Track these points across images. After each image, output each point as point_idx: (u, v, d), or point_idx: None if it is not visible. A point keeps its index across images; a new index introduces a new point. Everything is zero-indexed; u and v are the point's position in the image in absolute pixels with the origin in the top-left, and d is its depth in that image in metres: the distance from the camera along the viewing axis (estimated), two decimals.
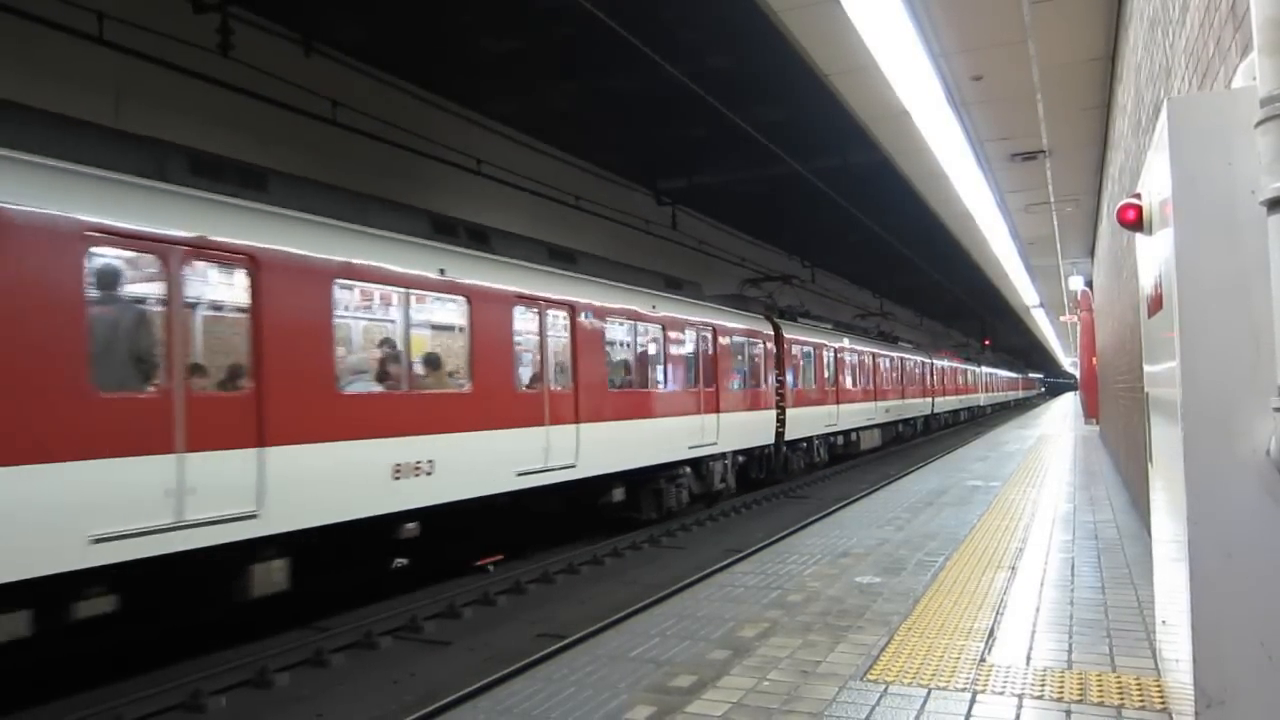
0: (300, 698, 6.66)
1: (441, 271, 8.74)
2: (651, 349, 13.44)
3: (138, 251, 6.31)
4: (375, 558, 8.83)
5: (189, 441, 6.23)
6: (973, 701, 3.88)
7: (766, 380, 17.30)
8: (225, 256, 6.80)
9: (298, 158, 10.82)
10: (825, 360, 21.14)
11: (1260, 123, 2.26)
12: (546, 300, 10.52)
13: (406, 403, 8.29)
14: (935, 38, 7.25)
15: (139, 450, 5.95)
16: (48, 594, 5.55)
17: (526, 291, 10.13)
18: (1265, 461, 2.46)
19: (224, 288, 7.04)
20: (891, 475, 17.69)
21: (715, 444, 14.66)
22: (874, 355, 25.72)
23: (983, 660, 4.45)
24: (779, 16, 6.88)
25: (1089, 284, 19.17)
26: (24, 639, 5.43)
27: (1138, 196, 3.30)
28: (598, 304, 11.58)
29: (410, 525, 8.28)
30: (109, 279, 6.19)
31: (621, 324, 12.53)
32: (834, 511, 11.30)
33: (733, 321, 16.02)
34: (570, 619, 8.50)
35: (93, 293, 5.96)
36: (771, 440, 17.42)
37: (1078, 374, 36.43)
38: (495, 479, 9.34)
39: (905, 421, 29.94)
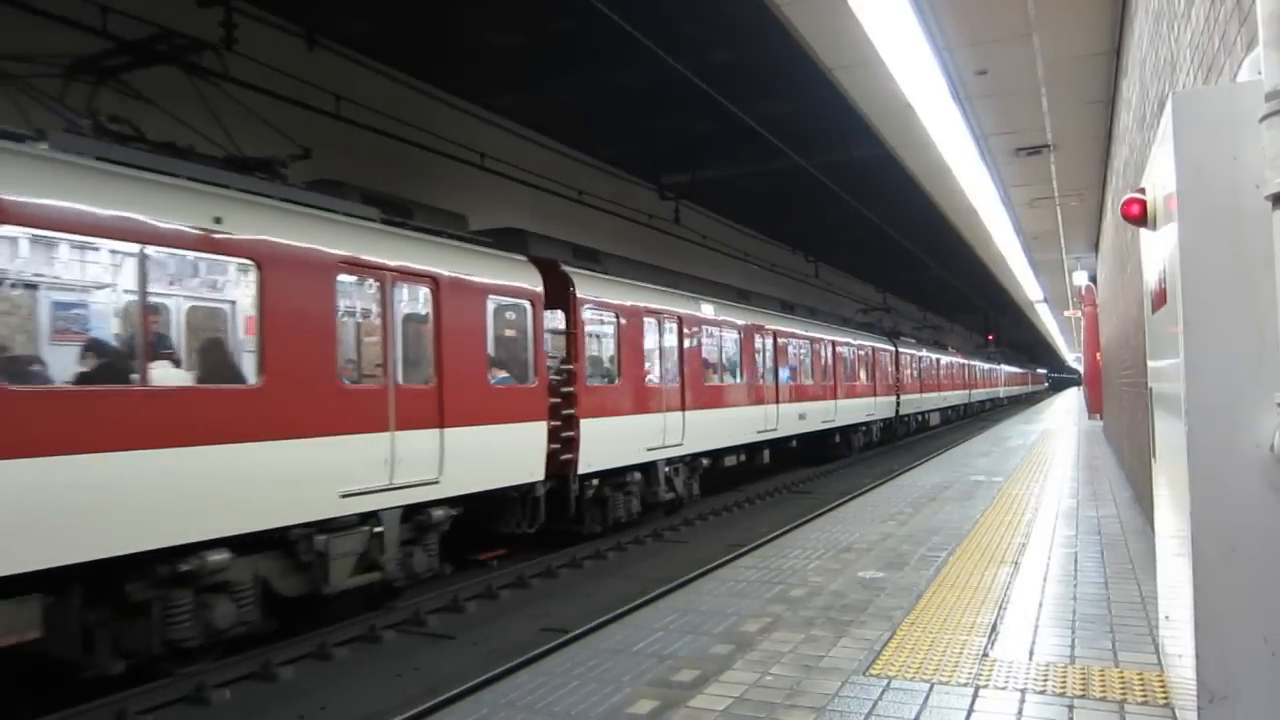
0: (304, 691, 6.68)
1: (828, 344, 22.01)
2: (857, 362, 24.32)
3: None
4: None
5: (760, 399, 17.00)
6: (975, 696, 3.89)
7: (891, 376, 28.02)
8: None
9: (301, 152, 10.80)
10: (914, 363, 31.70)
11: (1265, 117, 2.26)
12: (820, 341, 21.44)
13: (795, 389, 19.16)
14: (939, 32, 7.23)
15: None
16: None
17: (849, 343, 23.89)
18: (1269, 456, 2.46)
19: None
20: (894, 470, 17.69)
21: (873, 414, 25.43)
22: (937, 360, 36.51)
23: (985, 655, 4.46)
24: (782, 10, 6.86)
25: (1093, 279, 19.14)
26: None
27: (1142, 191, 3.29)
28: (845, 340, 23.26)
29: (766, 450, 17.26)
30: None
31: (859, 352, 24.38)
32: (837, 506, 11.30)
33: (880, 344, 27.13)
34: (573, 613, 8.51)
35: None
36: (894, 414, 28.14)
37: (1081, 369, 36.94)
38: (818, 424, 20.24)
39: (953, 407, 40.70)
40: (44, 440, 5.35)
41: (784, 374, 18.15)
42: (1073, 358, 59.37)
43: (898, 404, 28.26)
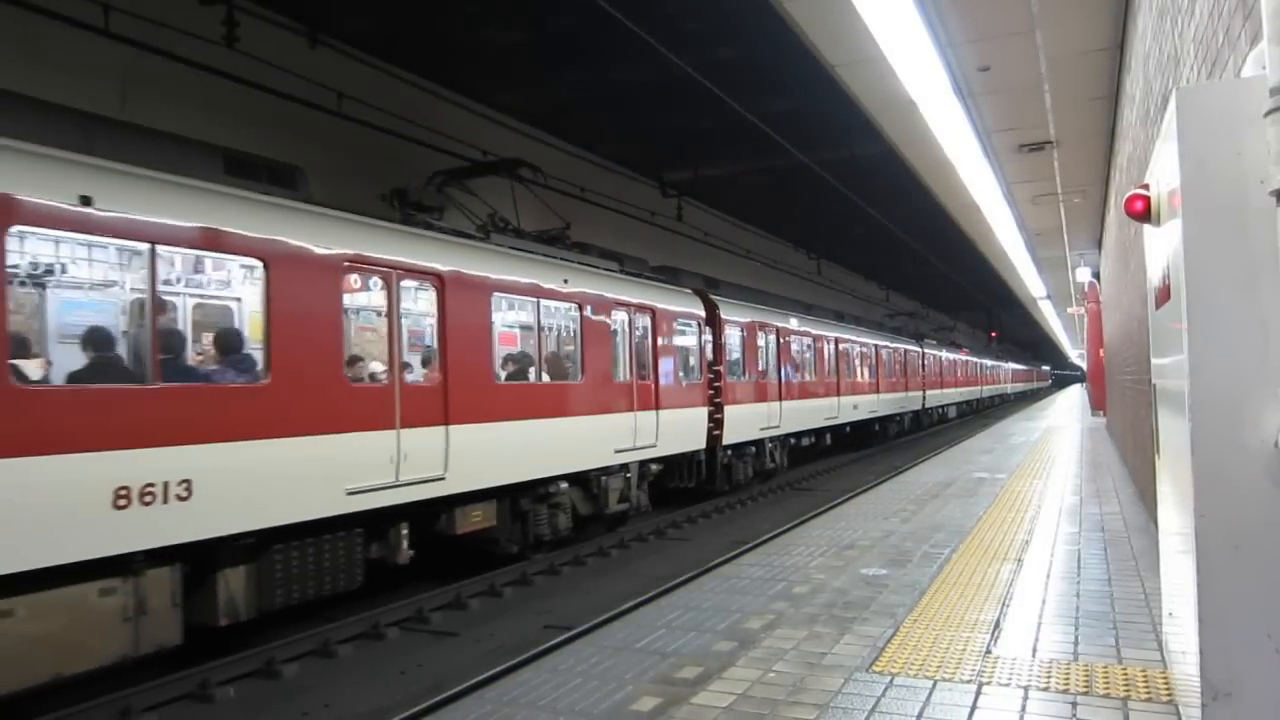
0: (308, 688, 6.69)
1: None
2: (894, 362, 28.13)
3: None
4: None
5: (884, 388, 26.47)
6: (978, 693, 3.89)
7: (919, 374, 32.06)
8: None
9: (302, 149, 10.81)
10: (936, 362, 35.79)
11: (1269, 112, 2.25)
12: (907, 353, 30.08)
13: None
14: (942, 28, 7.21)
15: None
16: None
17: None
18: (1274, 453, 2.45)
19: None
20: (897, 467, 17.67)
21: (905, 407, 29.48)
22: (954, 359, 40.91)
23: (988, 652, 4.45)
24: (784, 7, 6.84)
25: (1096, 276, 19.10)
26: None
27: (1146, 187, 3.29)
28: (885, 344, 27.50)
29: (829, 434, 21.07)
30: None
31: (895, 354, 28.23)
32: (840, 503, 11.30)
33: (910, 346, 30.94)
34: (576, 611, 8.52)
35: None
36: (921, 406, 32.21)
37: (1084, 366, 37.31)
38: (866, 413, 24.06)
39: (968, 401, 45.29)
40: (502, 412, 9.27)
41: (844, 372, 22.33)
42: (1076, 354, 59.35)
43: (924, 398, 32.86)
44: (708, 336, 14.68)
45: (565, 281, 10.69)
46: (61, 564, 5.35)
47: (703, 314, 14.58)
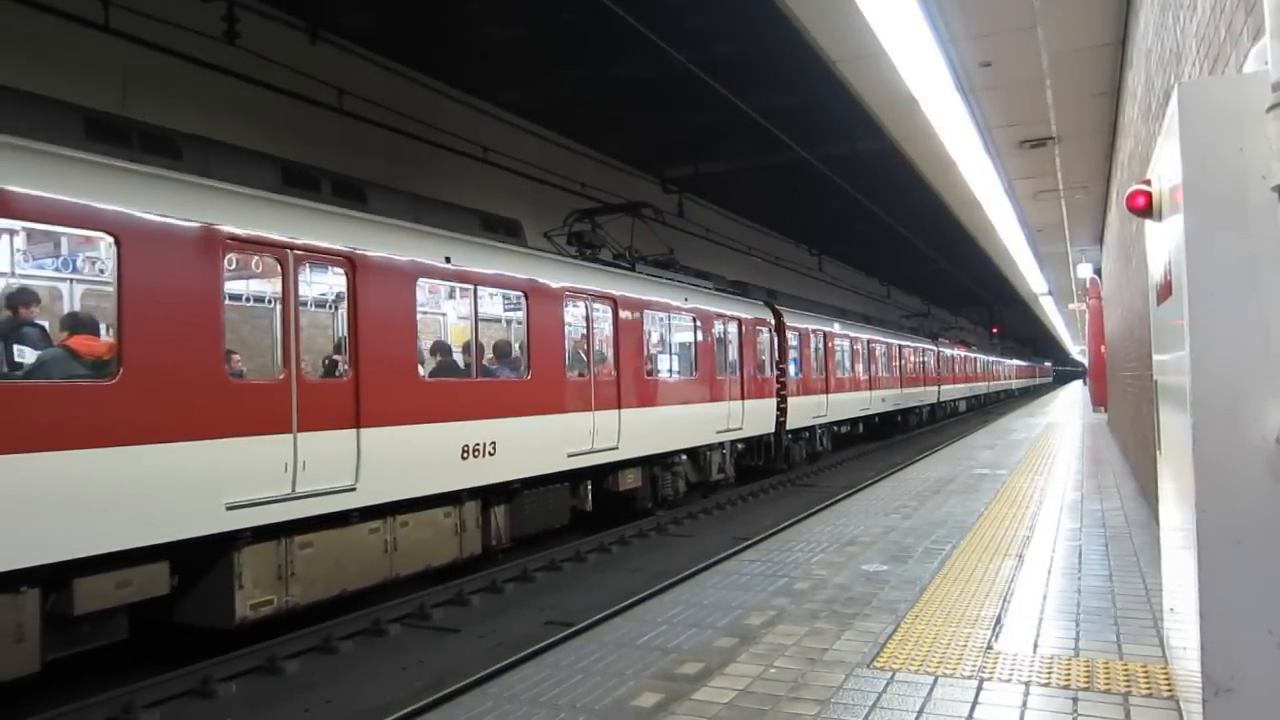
0: (310, 684, 6.70)
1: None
2: (914, 360, 31.20)
3: None
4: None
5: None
6: (979, 689, 3.89)
7: (935, 371, 35.17)
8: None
9: (303, 146, 10.81)
10: (947, 358, 38.47)
11: (1271, 108, 2.25)
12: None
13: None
14: (944, 24, 7.19)
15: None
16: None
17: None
18: (1275, 449, 2.45)
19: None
20: (898, 464, 17.68)
21: (924, 400, 32.74)
22: (965, 357, 43.91)
23: (990, 648, 4.46)
24: (785, 2, 6.83)
25: (1098, 272, 19.08)
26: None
27: (1147, 183, 3.28)
28: (907, 344, 30.17)
29: (861, 424, 24.54)
30: None
31: (914, 352, 31.24)
32: (841, 499, 11.30)
33: (927, 345, 34.17)
34: (578, 607, 8.53)
35: None
36: (936, 400, 35.41)
37: (1085, 362, 37.64)
38: (892, 405, 26.98)
39: (976, 396, 48.80)
40: (649, 400, 12.23)
41: (874, 369, 25.19)
42: (1077, 350, 59.34)
43: (939, 392, 36.06)
44: (775, 340, 17.63)
45: (686, 300, 13.75)
46: (435, 493, 8.27)
47: (772, 321, 17.54)
